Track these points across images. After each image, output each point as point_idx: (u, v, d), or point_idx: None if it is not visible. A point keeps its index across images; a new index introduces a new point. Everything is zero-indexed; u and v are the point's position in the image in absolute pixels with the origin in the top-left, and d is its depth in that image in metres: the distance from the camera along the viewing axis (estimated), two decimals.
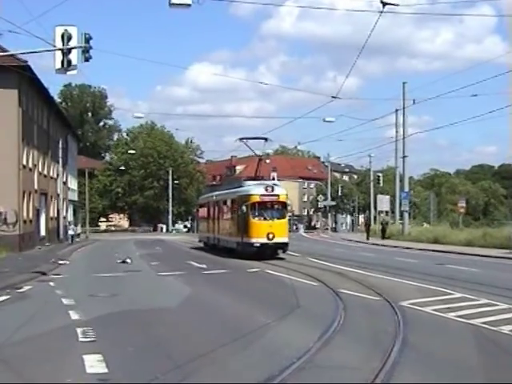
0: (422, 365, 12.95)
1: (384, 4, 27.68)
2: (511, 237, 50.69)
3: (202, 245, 62.85)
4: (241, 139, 51.98)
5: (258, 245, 42.42)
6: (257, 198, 43.26)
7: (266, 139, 52.66)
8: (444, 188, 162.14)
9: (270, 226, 42.68)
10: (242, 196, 44.80)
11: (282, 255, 43.54)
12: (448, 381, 11.71)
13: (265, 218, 43.31)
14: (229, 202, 49.99)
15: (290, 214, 53.00)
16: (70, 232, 71.00)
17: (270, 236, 42.21)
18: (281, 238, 42.99)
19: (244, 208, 43.02)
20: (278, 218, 43.69)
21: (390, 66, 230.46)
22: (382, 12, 28.57)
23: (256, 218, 43.14)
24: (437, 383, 11.57)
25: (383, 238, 77.03)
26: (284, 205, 44.55)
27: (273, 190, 43.86)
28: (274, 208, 44.09)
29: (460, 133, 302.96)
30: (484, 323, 17.14)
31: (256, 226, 42.89)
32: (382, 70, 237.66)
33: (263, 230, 42.56)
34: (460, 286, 25.29)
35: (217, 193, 57.93)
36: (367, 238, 78.53)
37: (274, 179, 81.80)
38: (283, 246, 43.50)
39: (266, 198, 43.61)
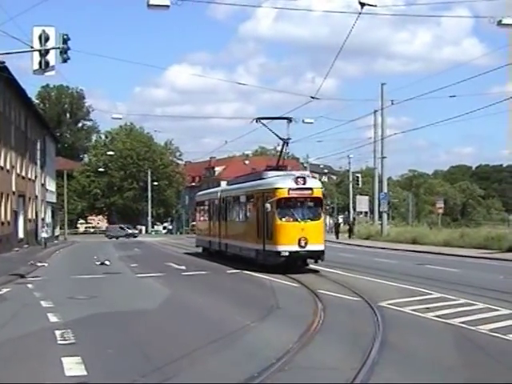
0: (401, 365, 13.01)
1: (362, 5, 27.74)
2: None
3: (199, 250, 53.18)
4: (258, 119, 40.84)
5: (287, 254, 32.15)
6: (284, 193, 32.95)
7: (289, 119, 41.75)
8: (422, 189, 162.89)
9: (302, 230, 32.40)
10: (265, 190, 34.52)
11: (314, 266, 33.83)
12: (427, 381, 11.78)
13: (295, 219, 32.90)
14: (243, 199, 39.71)
15: None
16: (43, 234, 69.47)
17: (302, 242, 32.06)
18: (315, 245, 32.70)
19: (268, 206, 32.74)
20: (312, 219, 33.22)
21: (368, 68, 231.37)
22: (360, 13, 28.67)
23: (284, 219, 32.87)
24: (419, 383, 11.61)
25: (350, 236, 78.62)
26: (319, 201, 34.35)
27: (305, 183, 33.37)
28: (307, 206, 33.79)
29: (438, 134, 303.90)
30: (462, 323, 17.27)
31: (284, 230, 32.70)
32: (361, 72, 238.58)
33: (293, 235, 32.29)
34: (439, 286, 25.43)
35: (223, 187, 48.47)
36: (336, 238, 79.52)
37: None
38: (319, 255, 33.24)
39: (297, 193, 33.21)
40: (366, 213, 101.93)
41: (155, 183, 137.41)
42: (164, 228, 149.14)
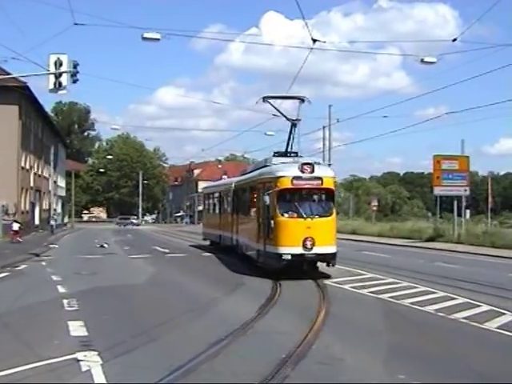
0: (341, 330, 13.13)
1: (314, 41, 27.72)
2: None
3: (206, 243, 41.78)
4: (265, 98, 28.06)
5: (289, 257, 22.16)
6: (287, 183, 22.84)
7: (302, 100, 27.89)
8: (361, 190, 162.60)
9: (309, 228, 22.38)
10: (266, 180, 24.29)
11: (323, 269, 23.64)
12: (360, 341, 11.89)
13: (300, 215, 22.63)
14: (248, 190, 28.59)
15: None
16: (52, 222, 68.92)
17: (308, 243, 22.10)
18: (324, 247, 22.49)
19: (266, 199, 22.96)
20: (321, 216, 22.91)
21: (318, 92, 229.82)
22: (311, 48, 28.61)
23: (286, 215, 22.69)
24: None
25: None
26: (331, 194, 23.74)
27: (313, 171, 22.99)
28: (315, 199, 23.64)
29: (373, 146, 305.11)
30: (390, 297, 17.44)
31: (286, 228, 22.62)
32: (312, 95, 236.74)
33: (297, 234, 22.33)
34: (372, 268, 25.56)
35: (236, 178, 34.37)
36: None
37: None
38: (329, 258, 22.86)
39: (303, 183, 22.99)
40: None
41: (145, 182, 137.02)
42: (152, 219, 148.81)
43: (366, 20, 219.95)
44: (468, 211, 51.93)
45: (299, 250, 22.09)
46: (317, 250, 22.14)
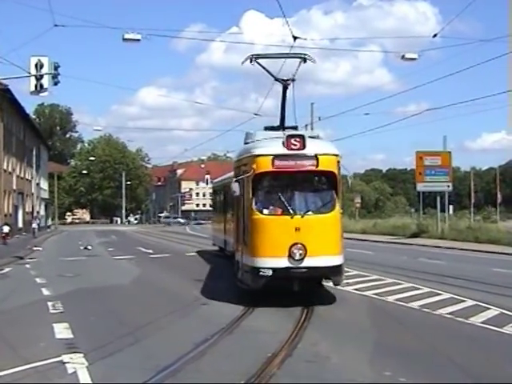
0: (325, 329, 13.15)
1: (295, 38, 27.72)
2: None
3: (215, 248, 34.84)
4: (253, 58, 19.50)
5: (269, 272, 15.13)
6: (266, 165, 15.59)
7: (303, 59, 19.33)
8: (344, 187, 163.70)
9: (298, 230, 15.10)
10: (242, 163, 17.20)
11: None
12: (346, 339, 11.92)
13: (285, 211, 15.46)
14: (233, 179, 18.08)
15: None
16: (34, 225, 68.38)
17: (297, 252, 14.93)
18: (322, 257, 15.24)
19: (236, 188, 16.23)
20: (317, 211, 15.70)
21: (300, 90, 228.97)
22: (292, 46, 28.59)
23: (266, 211, 15.71)
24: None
25: None
26: (331, 179, 16.15)
27: (303, 147, 15.54)
28: (307, 187, 16.18)
29: (355, 144, 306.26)
30: (375, 294, 17.48)
31: (265, 230, 15.51)
32: (294, 93, 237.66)
33: (281, 239, 15.21)
34: (356, 266, 25.46)
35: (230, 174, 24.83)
36: None
37: (207, 182, 61.67)
38: (331, 274, 15.93)
39: (288, 165, 15.55)
40: None
41: (128, 183, 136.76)
42: (135, 219, 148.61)
43: (347, 18, 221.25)
44: (451, 207, 52.21)
45: (284, 263, 15.18)
46: (309, 261, 15.13)
